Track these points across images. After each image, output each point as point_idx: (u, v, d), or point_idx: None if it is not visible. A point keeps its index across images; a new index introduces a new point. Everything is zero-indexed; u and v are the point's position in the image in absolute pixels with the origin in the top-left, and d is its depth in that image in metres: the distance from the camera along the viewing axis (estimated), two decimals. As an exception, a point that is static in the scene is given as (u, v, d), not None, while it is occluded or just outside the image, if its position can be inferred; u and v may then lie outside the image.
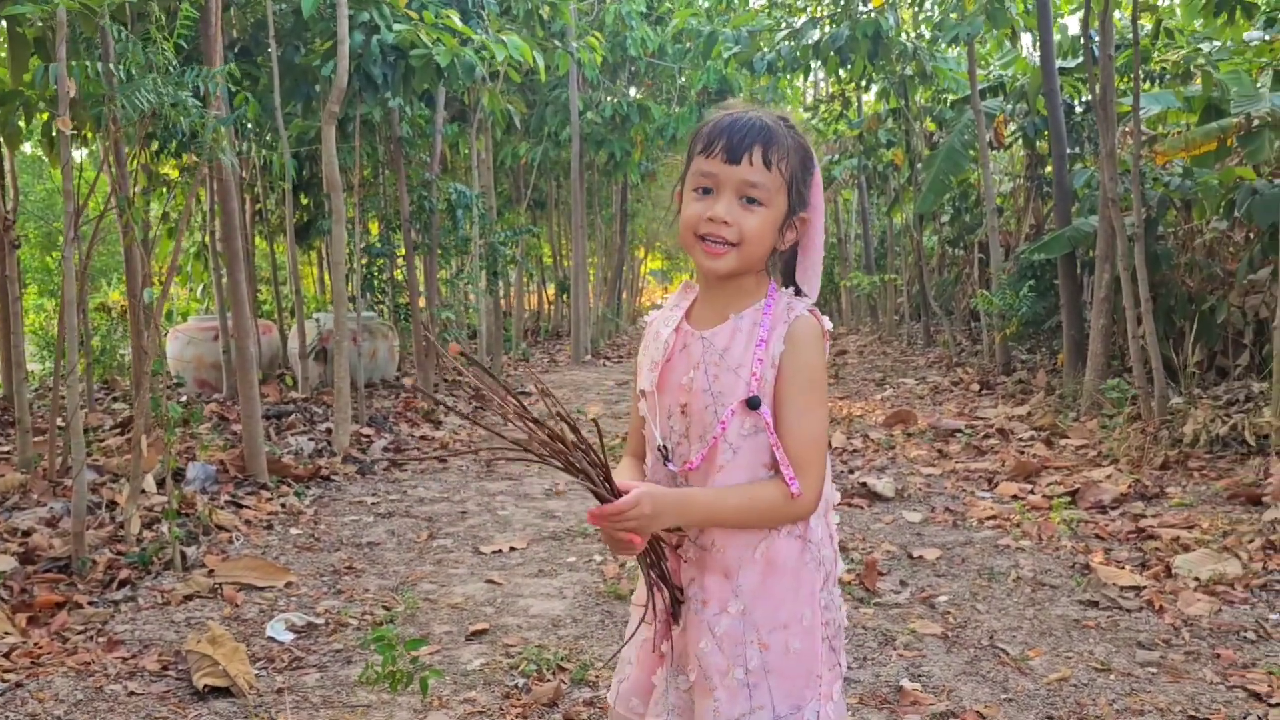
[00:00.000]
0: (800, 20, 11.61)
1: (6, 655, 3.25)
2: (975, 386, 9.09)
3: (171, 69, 3.83)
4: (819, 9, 11.65)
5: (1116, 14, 8.40)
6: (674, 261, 34.04)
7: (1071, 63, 9.38)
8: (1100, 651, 3.21)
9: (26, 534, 4.32)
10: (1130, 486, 5.11)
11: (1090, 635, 3.36)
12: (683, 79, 14.60)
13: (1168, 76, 8.78)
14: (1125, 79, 8.70)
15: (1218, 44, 8.72)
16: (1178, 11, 9.36)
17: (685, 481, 1.64)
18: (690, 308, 1.70)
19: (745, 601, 1.60)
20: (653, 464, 1.69)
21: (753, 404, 1.57)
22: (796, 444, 1.58)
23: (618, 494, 1.53)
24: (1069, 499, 5.00)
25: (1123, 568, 3.99)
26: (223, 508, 4.95)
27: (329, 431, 6.73)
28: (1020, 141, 10.48)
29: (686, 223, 1.61)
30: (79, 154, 8.58)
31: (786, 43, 11.32)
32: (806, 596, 1.63)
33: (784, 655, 1.61)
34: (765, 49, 11.63)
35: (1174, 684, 2.95)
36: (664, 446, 1.65)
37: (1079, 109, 9.56)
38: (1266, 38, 8.08)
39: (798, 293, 1.68)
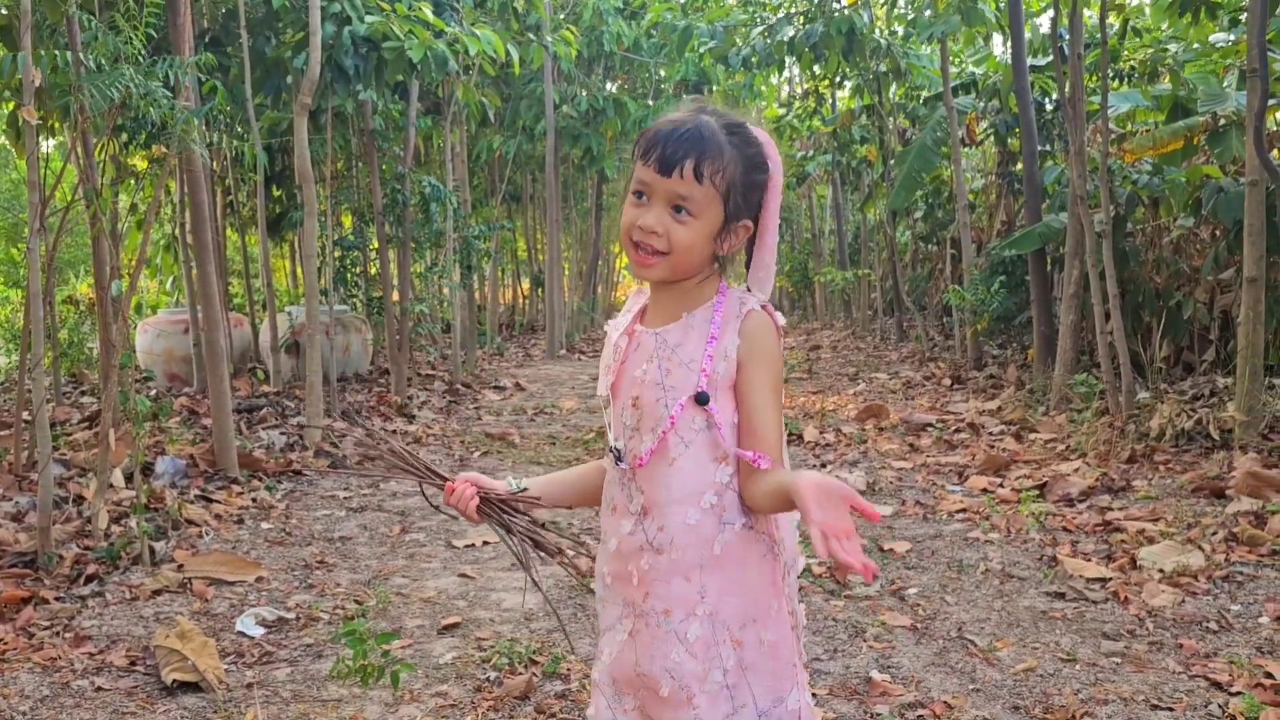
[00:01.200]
0: (775, 16, 11.64)
1: (-29, 651, 3.22)
2: (947, 381, 9.17)
3: (141, 59, 3.79)
4: (793, 5, 11.68)
5: (1086, 12, 8.48)
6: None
7: (1042, 61, 9.46)
8: (1066, 642, 3.25)
9: (-8, 529, 4.28)
10: (1097, 480, 5.17)
11: (1057, 626, 3.40)
12: (659, 73, 14.60)
13: (1136, 75, 8.87)
14: (1094, 77, 8.78)
15: (1184, 44, 8.83)
16: (1146, 11, 9.45)
17: (633, 480, 1.63)
18: (642, 311, 1.72)
19: (712, 602, 1.58)
20: (612, 464, 1.69)
21: (700, 400, 1.57)
22: (759, 436, 1.58)
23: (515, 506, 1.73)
24: (1038, 492, 5.06)
25: (1089, 560, 4.04)
26: (192, 502, 4.92)
27: (301, 425, 6.69)
28: (992, 138, 10.56)
29: (623, 228, 1.62)
30: (46, 144, 8.48)
31: (761, 39, 11.35)
32: (771, 587, 1.63)
33: (759, 649, 1.60)
34: (740, 44, 11.66)
35: (1138, 674, 3.00)
36: (615, 449, 1.65)
37: (1049, 106, 9.65)
38: (1232, 39, 8.18)
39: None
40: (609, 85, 15.31)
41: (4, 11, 5.62)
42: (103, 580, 3.93)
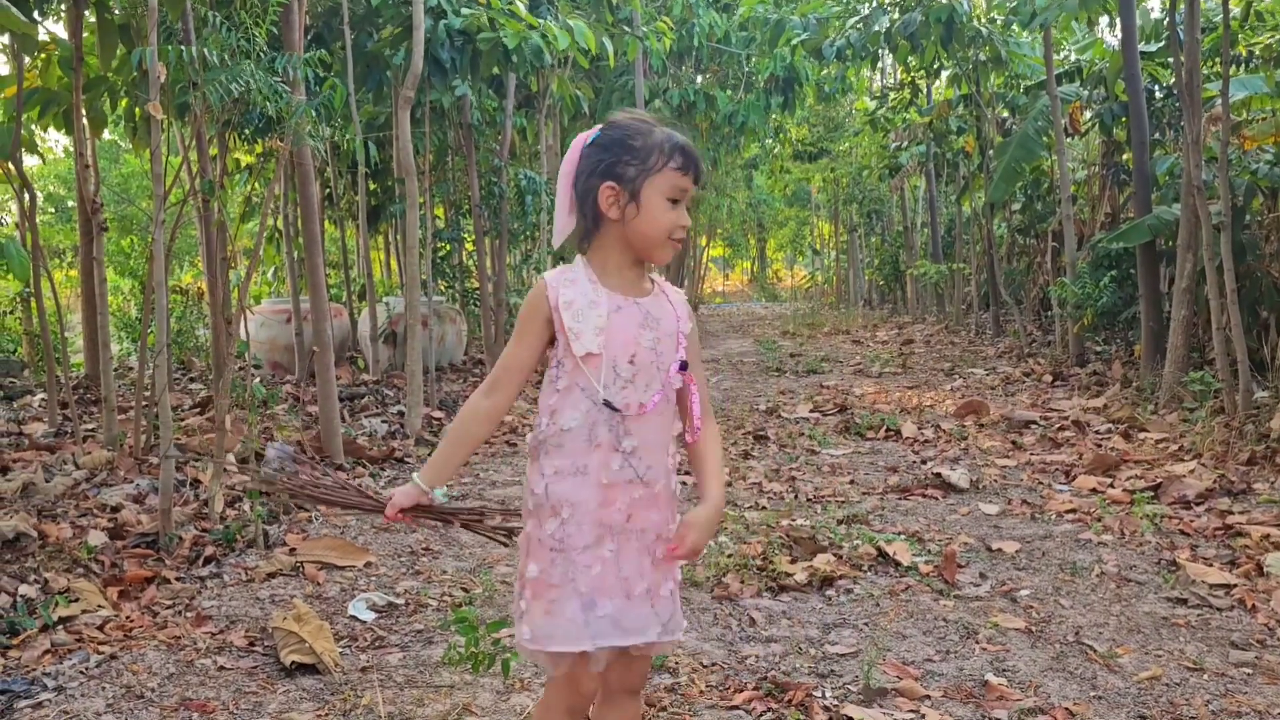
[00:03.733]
0: (870, 7, 11.45)
1: (100, 628, 3.34)
2: (1048, 378, 8.93)
3: (263, 54, 3.88)
4: (888, -4, 11.47)
5: (1204, -4, 8.17)
6: (736, 249, 33.96)
7: (1153, 46, 9.14)
8: (1191, 650, 3.14)
9: (115, 510, 4.44)
10: (1215, 482, 4.98)
11: (1180, 633, 3.28)
12: (749, 66, 14.49)
13: (1256, 61, 8.51)
14: (1209, 63, 8.45)
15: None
16: (1269, -7, 9.06)
17: (622, 424, 1.93)
18: (597, 280, 1.97)
19: (669, 528, 2.00)
20: (587, 411, 1.93)
21: (684, 366, 1.99)
22: (702, 395, 2.04)
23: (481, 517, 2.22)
24: (1151, 494, 4.89)
25: (1211, 565, 3.89)
26: (301, 488, 5.03)
27: (401, 414, 6.81)
28: (1096, 128, 10.24)
29: (662, 227, 1.93)
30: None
31: (856, 30, 11.17)
32: None
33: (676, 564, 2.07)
34: (834, 36, 11.49)
35: (1271, 685, 2.87)
36: (607, 401, 1.92)
37: (1158, 94, 9.32)
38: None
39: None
40: (699, 78, 15.24)
41: (124, 10, 5.82)
42: (220, 562, 4.05)
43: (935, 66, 12.74)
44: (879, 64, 15.07)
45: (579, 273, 1.97)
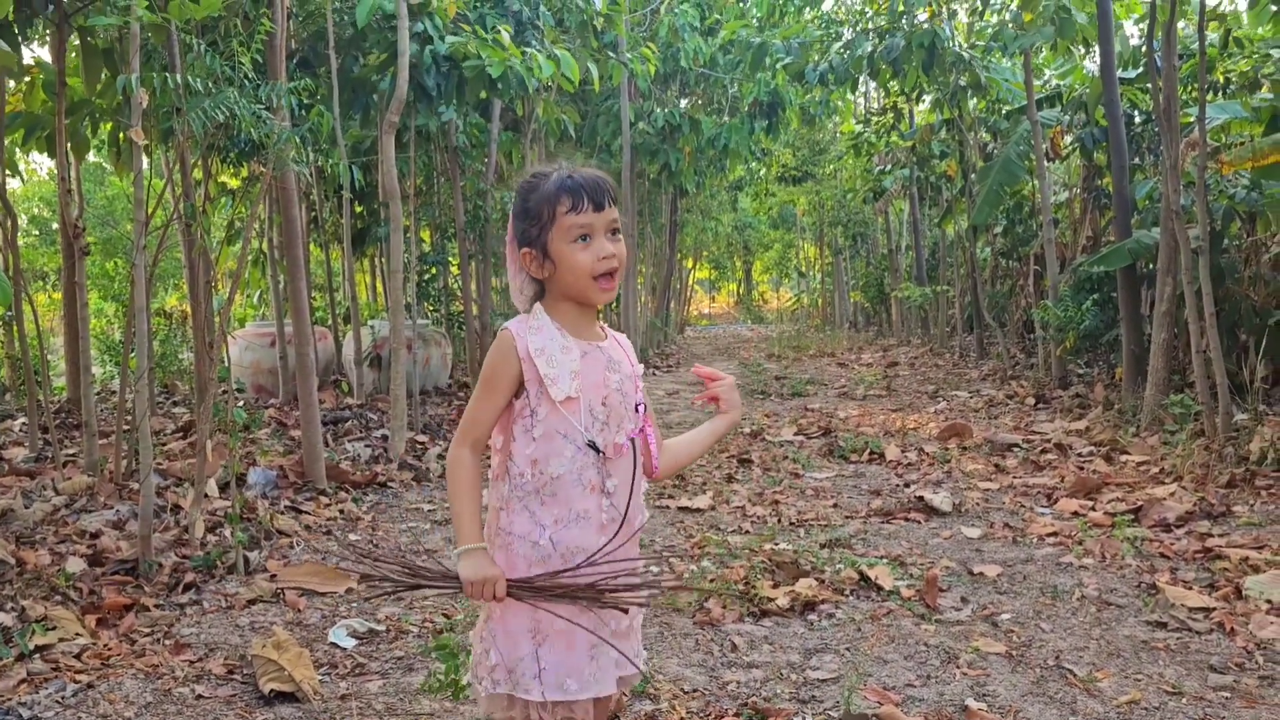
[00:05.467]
0: (851, 32, 11.55)
1: (78, 656, 3.31)
2: (1030, 400, 8.98)
3: (246, 81, 3.90)
4: (868, 21, 11.57)
5: (1181, 24, 8.28)
6: (722, 271, 34.06)
7: (1132, 73, 9.24)
8: (1171, 674, 3.15)
9: (95, 536, 4.41)
10: (1195, 505, 5.01)
11: (1160, 657, 3.29)
12: (734, 89, 14.58)
13: (1233, 87, 8.62)
14: (1186, 89, 8.56)
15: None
16: (1244, 19, 9.19)
17: (603, 465, 1.96)
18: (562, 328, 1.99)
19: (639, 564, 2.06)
20: (573, 456, 1.95)
21: (639, 407, 2.05)
22: (657, 433, 2.10)
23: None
24: (1132, 517, 4.91)
25: (1190, 588, 3.91)
26: (283, 513, 5.02)
27: (384, 438, 6.79)
28: (1077, 152, 10.34)
29: (583, 268, 1.92)
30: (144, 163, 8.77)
31: (838, 54, 11.27)
32: None
33: None
34: (817, 60, 11.59)
35: (1249, 709, 2.89)
36: (592, 442, 1.95)
37: (1138, 119, 9.42)
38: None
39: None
40: (683, 102, 15.33)
41: (107, 36, 5.83)
42: (200, 589, 4.02)
43: (916, 92, 12.85)
44: (860, 88, 15.17)
45: (543, 320, 1.97)
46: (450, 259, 9.91)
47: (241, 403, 8.50)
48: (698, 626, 3.65)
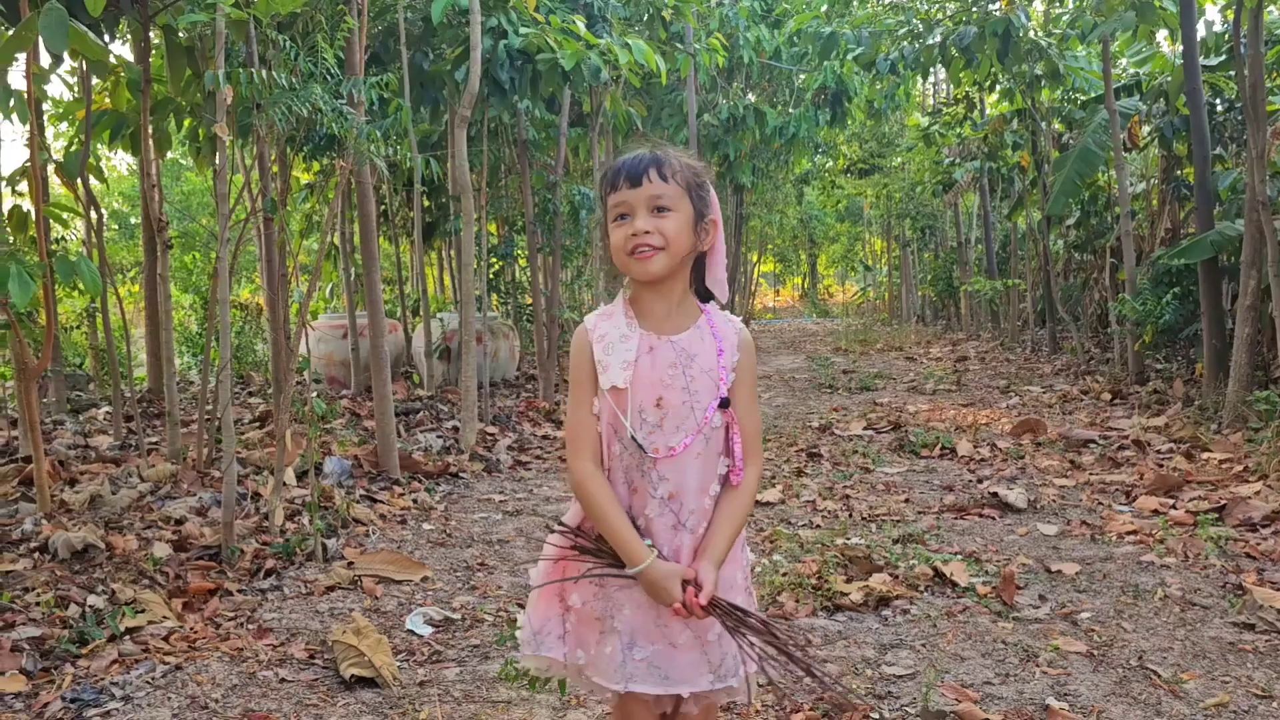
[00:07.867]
0: (923, 20, 11.37)
1: (165, 638, 3.41)
2: (1106, 396, 8.78)
3: (330, 76, 3.97)
4: (940, 10, 11.39)
5: (1269, 8, 8.02)
6: (787, 265, 33.84)
7: (1214, 60, 8.98)
8: (1260, 677, 3.06)
9: (179, 522, 4.53)
10: (1283, 504, 4.87)
11: (1248, 659, 3.21)
12: (799, 81, 14.47)
13: (1322, 73, 8.33)
14: (1272, 76, 8.29)
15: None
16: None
17: (654, 467, 1.85)
18: (634, 317, 1.92)
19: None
20: (619, 453, 1.88)
21: (724, 404, 1.88)
22: (748, 435, 1.91)
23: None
24: (1216, 516, 4.79)
25: (1279, 589, 3.80)
26: (358, 502, 5.11)
27: (456, 429, 6.87)
28: (1156, 143, 10.07)
29: (616, 247, 1.87)
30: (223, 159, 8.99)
31: (909, 43, 11.11)
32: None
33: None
34: (888, 50, 11.43)
35: (1344, 715, 2.80)
36: (634, 437, 1.85)
37: (1220, 108, 9.15)
38: None
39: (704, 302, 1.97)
40: (749, 95, 15.24)
41: (189, 34, 5.96)
42: (280, 575, 4.11)
43: (990, 81, 12.61)
44: (930, 78, 14.94)
45: (615, 307, 1.94)
46: (518, 252, 9.99)
47: (315, 393, 8.67)
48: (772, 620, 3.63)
